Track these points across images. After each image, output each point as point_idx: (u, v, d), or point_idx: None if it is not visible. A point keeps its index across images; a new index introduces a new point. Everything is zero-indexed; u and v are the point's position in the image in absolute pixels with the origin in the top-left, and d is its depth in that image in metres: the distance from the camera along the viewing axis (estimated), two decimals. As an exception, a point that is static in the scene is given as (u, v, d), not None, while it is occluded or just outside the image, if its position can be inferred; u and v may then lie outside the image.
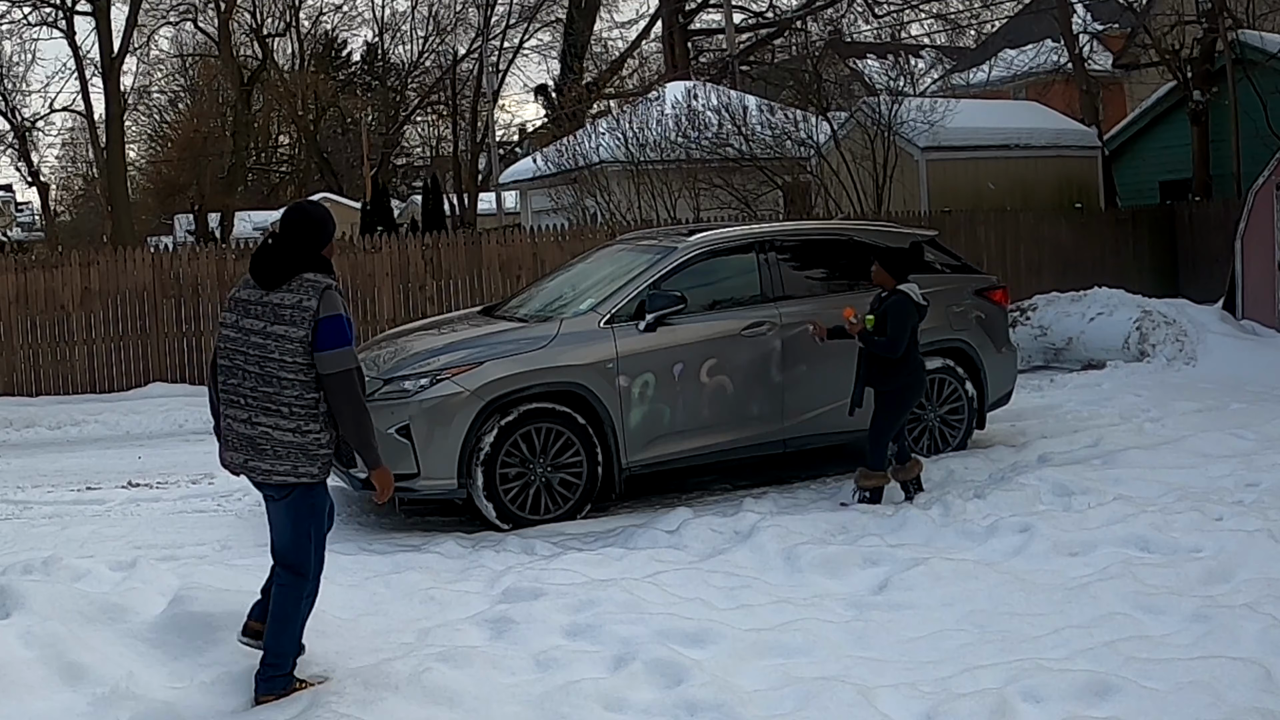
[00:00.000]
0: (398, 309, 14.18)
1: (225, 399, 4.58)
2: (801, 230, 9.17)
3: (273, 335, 4.43)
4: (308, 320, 4.40)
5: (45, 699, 4.38)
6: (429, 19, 43.85)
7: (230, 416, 4.56)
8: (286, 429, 4.44)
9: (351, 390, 4.44)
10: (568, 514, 7.44)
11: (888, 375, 7.26)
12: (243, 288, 4.60)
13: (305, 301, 4.43)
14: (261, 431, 4.46)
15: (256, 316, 4.48)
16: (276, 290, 4.47)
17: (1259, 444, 8.19)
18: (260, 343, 4.45)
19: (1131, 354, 12.65)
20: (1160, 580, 5.58)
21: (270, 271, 4.50)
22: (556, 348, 7.50)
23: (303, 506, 4.55)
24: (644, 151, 17.96)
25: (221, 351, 4.59)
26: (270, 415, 4.44)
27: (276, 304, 4.45)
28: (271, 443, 4.45)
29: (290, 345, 4.40)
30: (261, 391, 4.45)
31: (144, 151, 48.09)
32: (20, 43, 50.02)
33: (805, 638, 5.12)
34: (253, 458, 4.50)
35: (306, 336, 4.40)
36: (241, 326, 4.51)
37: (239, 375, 4.51)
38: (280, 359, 4.41)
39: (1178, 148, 20.20)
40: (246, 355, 4.48)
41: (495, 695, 4.56)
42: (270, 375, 4.43)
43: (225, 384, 4.57)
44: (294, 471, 4.47)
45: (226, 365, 4.56)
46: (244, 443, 4.51)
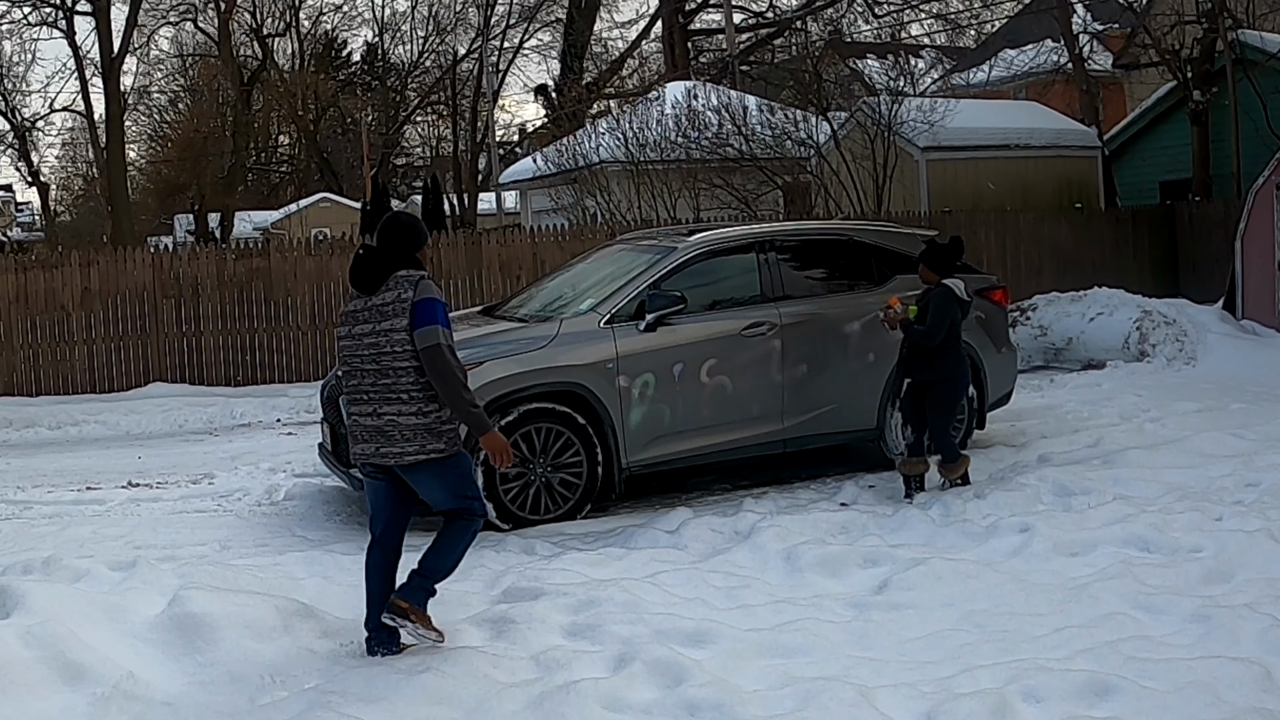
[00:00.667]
0: (398, 309, 14.16)
1: (350, 399, 5.05)
2: (801, 230, 9.18)
3: (381, 331, 4.85)
4: (407, 309, 4.80)
5: (45, 699, 4.38)
6: (429, 19, 43.94)
7: (356, 414, 4.99)
8: (409, 413, 4.83)
9: (442, 363, 4.77)
10: (568, 514, 7.44)
11: (928, 365, 7.46)
12: (350, 301, 5.07)
13: (404, 294, 4.83)
14: (387, 420, 4.86)
15: (365, 321, 4.93)
16: (377, 293, 4.90)
17: (1259, 444, 8.19)
18: (373, 341, 4.89)
19: (1131, 354, 12.65)
20: (1160, 580, 5.58)
21: (368, 278, 4.93)
22: (556, 348, 7.50)
23: (452, 472, 4.94)
24: (644, 151, 17.96)
25: (341, 360, 5.09)
26: (392, 404, 4.86)
27: (379, 304, 4.88)
28: (398, 428, 4.85)
29: (398, 336, 4.81)
30: (381, 384, 4.87)
31: (144, 151, 48.17)
32: (20, 43, 50.21)
33: (805, 638, 5.12)
34: (383, 444, 4.89)
35: (404, 326, 4.79)
36: (354, 334, 4.98)
37: (358, 376, 4.97)
38: (393, 351, 4.83)
39: (1178, 148, 20.20)
40: (362, 357, 4.94)
41: (495, 695, 4.56)
42: (386, 368, 4.85)
43: (348, 386, 5.04)
44: (423, 450, 4.85)
45: (347, 370, 5.03)
46: (372, 434, 4.92)
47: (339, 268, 14.24)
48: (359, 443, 4.99)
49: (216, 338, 13.92)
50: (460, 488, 4.97)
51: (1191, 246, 18.20)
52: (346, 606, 5.57)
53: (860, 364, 8.33)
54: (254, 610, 5.08)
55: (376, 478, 5.04)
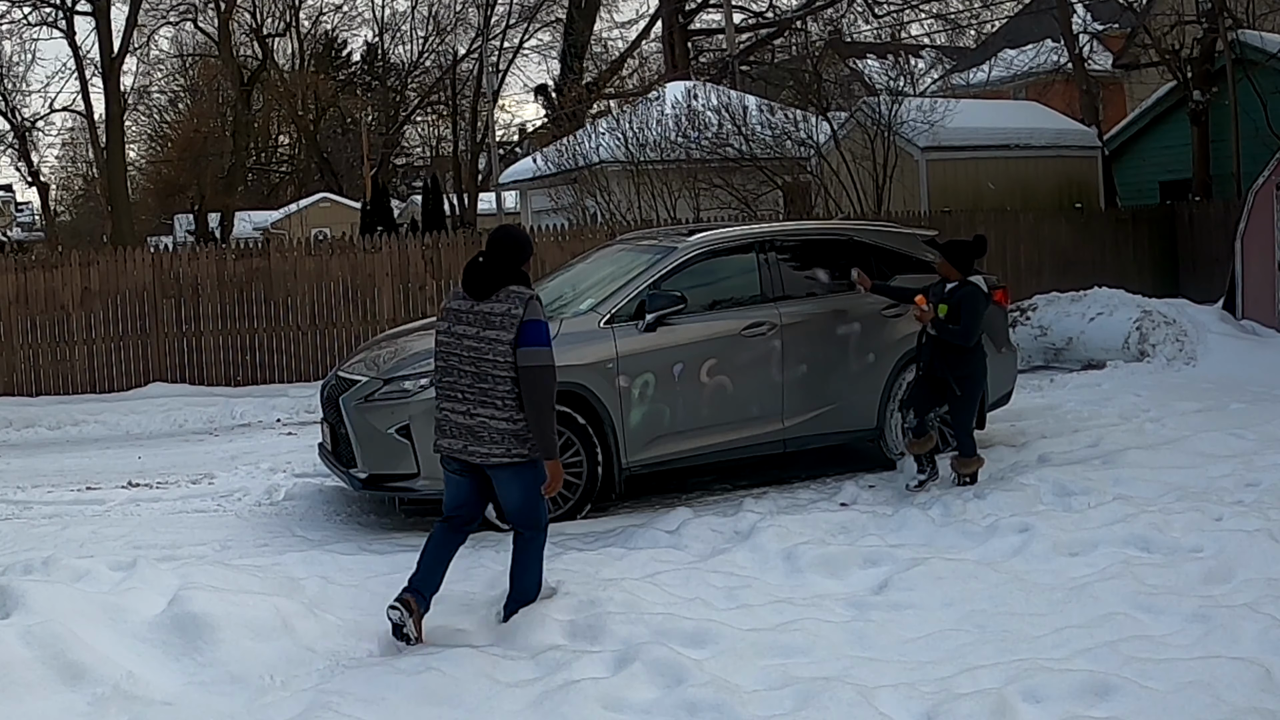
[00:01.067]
0: (398, 309, 14.18)
1: (443, 394, 5.33)
2: (801, 230, 9.17)
3: (485, 339, 5.16)
4: (514, 325, 5.11)
5: (45, 699, 4.38)
6: (429, 19, 43.93)
7: (448, 409, 5.29)
8: (501, 419, 5.16)
9: (541, 384, 5.13)
10: (568, 514, 7.44)
11: (960, 362, 7.54)
12: (453, 299, 5.37)
13: (513, 310, 5.14)
14: (479, 421, 5.19)
15: (469, 323, 5.23)
16: (486, 300, 5.19)
17: (1259, 444, 8.19)
18: (474, 346, 5.18)
19: (1131, 354, 12.65)
20: (1160, 580, 5.58)
21: (481, 285, 5.22)
22: (556, 348, 7.42)
23: (529, 477, 5.26)
24: (644, 151, 17.95)
25: (439, 354, 5.35)
26: (486, 407, 5.17)
27: (487, 312, 5.18)
28: (489, 430, 5.17)
29: (501, 347, 5.12)
30: (478, 388, 5.18)
31: (144, 151, 48.18)
32: (20, 43, 50.07)
33: (805, 638, 5.12)
34: (471, 443, 5.22)
35: (514, 339, 5.10)
36: (454, 332, 5.27)
37: (455, 374, 5.26)
38: (494, 359, 5.14)
39: (1178, 148, 20.19)
40: (461, 357, 5.24)
41: (495, 695, 4.56)
42: (485, 374, 5.16)
43: (443, 381, 5.31)
44: (508, 453, 5.18)
45: (443, 365, 5.31)
46: (463, 431, 5.24)
47: (339, 268, 14.25)
48: (446, 437, 5.30)
49: (216, 338, 13.91)
50: (531, 492, 5.29)
51: (1191, 246, 18.19)
52: (346, 606, 5.57)
53: (860, 364, 8.34)
54: (254, 610, 5.08)
55: (455, 471, 5.35)
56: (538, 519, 5.38)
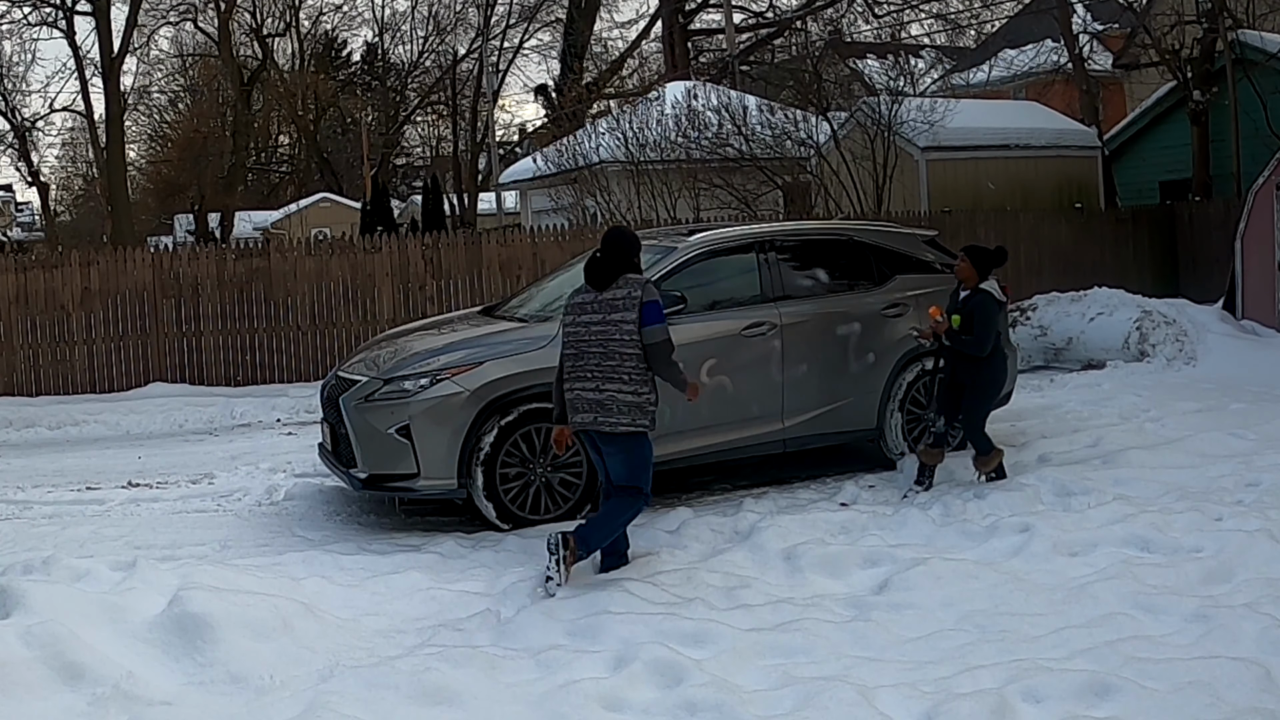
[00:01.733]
0: (398, 309, 14.18)
1: (572, 376, 6.01)
2: (801, 230, 9.17)
3: (611, 322, 5.88)
4: (636, 306, 5.84)
5: (45, 699, 4.38)
6: (429, 19, 43.92)
7: (579, 389, 5.97)
8: (627, 392, 5.87)
9: (666, 354, 5.91)
10: (568, 514, 7.43)
11: (977, 368, 7.61)
12: (575, 294, 6.15)
13: (633, 293, 5.89)
14: (608, 395, 5.88)
15: (593, 312, 5.97)
16: (607, 290, 5.96)
17: (1259, 444, 8.19)
18: (601, 330, 5.91)
19: (1131, 354, 12.65)
20: (1160, 580, 5.58)
21: (602, 277, 6.00)
22: (556, 348, 7.48)
23: (638, 448, 6.00)
24: (644, 151, 17.95)
25: (567, 342, 6.09)
26: (614, 383, 5.87)
27: (609, 299, 5.93)
28: (616, 403, 5.87)
29: (627, 327, 5.85)
30: (606, 365, 5.88)
31: (144, 151, 48.15)
32: (20, 43, 50.14)
33: (805, 638, 5.12)
34: (600, 415, 5.91)
35: (637, 319, 5.81)
36: (581, 321, 6.02)
37: (585, 357, 5.97)
38: (620, 339, 5.86)
39: (1178, 148, 20.19)
40: (590, 341, 5.96)
41: (495, 695, 4.56)
42: (612, 352, 5.87)
43: (573, 366, 6.01)
44: (633, 424, 5.91)
45: (573, 352, 6.03)
46: (592, 405, 5.93)
47: (339, 268, 14.25)
48: (579, 413, 5.99)
49: (216, 338, 13.91)
50: (640, 463, 6.01)
51: (1191, 246, 18.20)
52: (346, 606, 5.57)
53: (860, 364, 8.33)
54: (254, 610, 5.08)
55: (592, 448, 6.18)
56: (640, 484, 6.04)
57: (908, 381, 8.47)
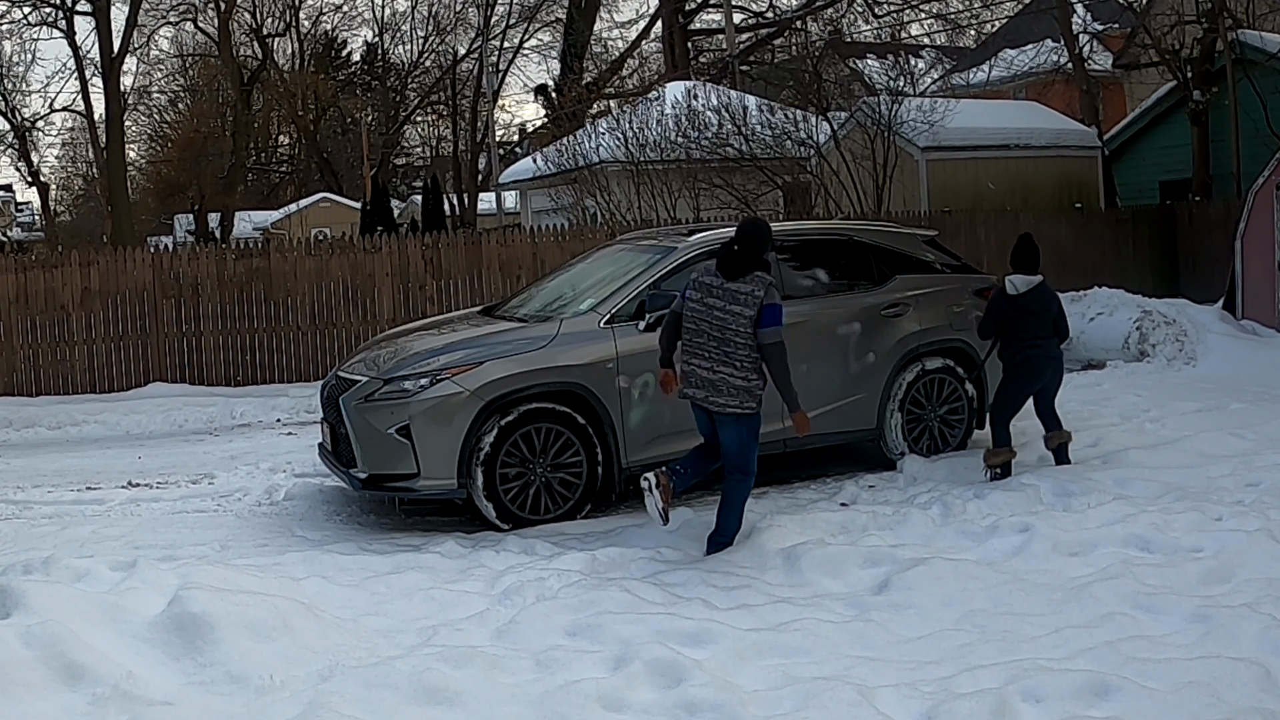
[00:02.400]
0: (398, 309, 14.18)
1: (690, 352, 6.37)
2: (801, 230, 9.17)
3: (731, 312, 6.19)
4: (756, 304, 6.13)
5: (45, 699, 4.37)
6: (429, 19, 43.91)
7: (695, 365, 6.34)
8: (738, 377, 6.21)
9: (781, 356, 6.19)
10: (568, 514, 7.44)
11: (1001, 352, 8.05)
12: (704, 275, 6.42)
13: (756, 291, 6.17)
14: (720, 377, 6.23)
15: (717, 297, 6.26)
16: (734, 280, 6.22)
17: (1259, 444, 8.19)
18: (720, 316, 6.21)
19: (1131, 354, 12.65)
20: (1160, 580, 5.58)
21: (734, 268, 6.26)
22: (556, 348, 7.50)
23: (747, 427, 6.33)
24: (644, 151, 17.95)
25: (687, 319, 6.38)
26: (726, 366, 6.21)
27: (734, 290, 6.22)
28: (727, 385, 6.23)
29: (744, 321, 6.16)
30: (722, 350, 6.22)
31: (144, 151, 48.15)
32: (20, 43, 50.05)
33: (805, 638, 5.12)
34: (712, 394, 6.28)
35: (754, 316, 6.12)
36: (705, 303, 6.30)
37: (703, 337, 6.29)
38: (735, 329, 6.18)
39: (1178, 148, 20.19)
40: (710, 323, 6.25)
41: (495, 695, 4.56)
42: (728, 339, 6.19)
43: (691, 341, 6.36)
44: (741, 406, 6.25)
45: (692, 329, 6.36)
46: (706, 384, 6.30)
47: (339, 268, 14.25)
48: (692, 387, 6.39)
49: (216, 338, 13.91)
50: (747, 440, 6.35)
51: (1191, 246, 18.19)
52: (346, 606, 5.57)
53: (860, 364, 8.33)
54: (254, 610, 5.08)
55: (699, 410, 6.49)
56: (748, 464, 6.41)
57: (908, 381, 8.47)
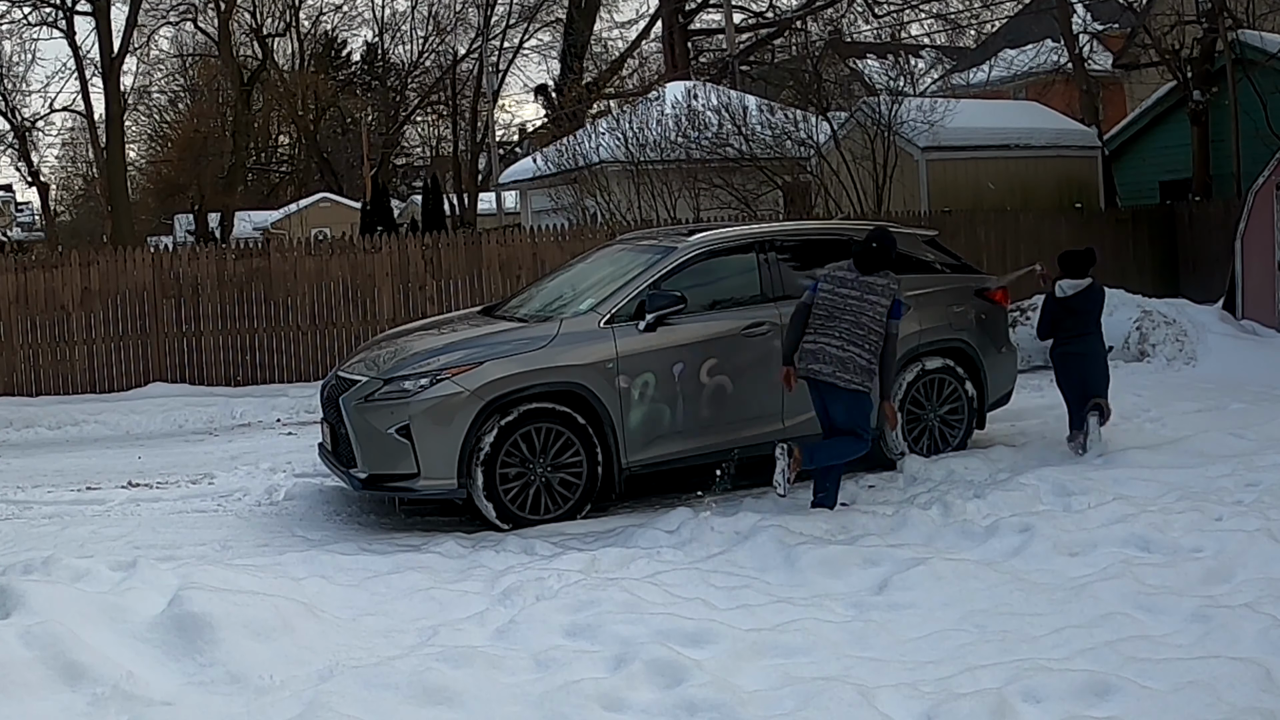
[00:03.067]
0: (398, 309, 14.17)
1: (821, 332, 7.13)
2: (801, 230, 9.17)
3: (867, 300, 7.06)
4: (890, 296, 7.07)
5: (45, 699, 4.37)
6: (429, 19, 43.90)
7: (824, 343, 7.10)
8: (864, 357, 7.06)
9: (894, 347, 7.18)
10: (568, 514, 7.44)
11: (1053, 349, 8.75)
12: (835, 270, 7.26)
13: (890, 285, 7.11)
14: (850, 355, 7.05)
15: (853, 287, 7.12)
16: (868, 275, 7.12)
17: (1259, 444, 8.18)
18: (856, 304, 7.07)
19: (1131, 354, 12.65)
20: (1160, 580, 5.58)
21: (869, 264, 7.14)
22: (556, 348, 7.50)
23: (858, 402, 7.15)
24: (644, 151, 17.94)
25: (820, 305, 7.18)
26: (856, 346, 7.04)
27: (870, 282, 7.11)
28: (854, 363, 7.05)
29: (879, 310, 7.05)
30: (855, 333, 7.05)
31: (144, 151, 48.15)
32: (20, 43, 50.08)
33: (805, 638, 5.12)
34: (839, 370, 7.06)
35: (889, 306, 7.05)
36: (838, 293, 7.14)
37: (835, 320, 7.10)
38: (870, 315, 7.05)
39: (1178, 148, 20.18)
40: (843, 309, 7.09)
41: (495, 695, 4.56)
42: (861, 324, 7.04)
43: (823, 324, 7.12)
44: (862, 383, 7.09)
45: (824, 314, 7.14)
46: (835, 360, 7.07)
47: (339, 268, 14.24)
48: (820, 363, 7.09)
49: (216, 338, 13.91)
50: (860, 414, 7.18)
51: (1191, 246, 18.18)
52: (346, 606, 5.58)
53: (860, 364, 8.32)
54: (254, 610, 5.08)
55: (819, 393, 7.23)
56: (861, 430, 7.19)
57: (907, 381, 8.47)
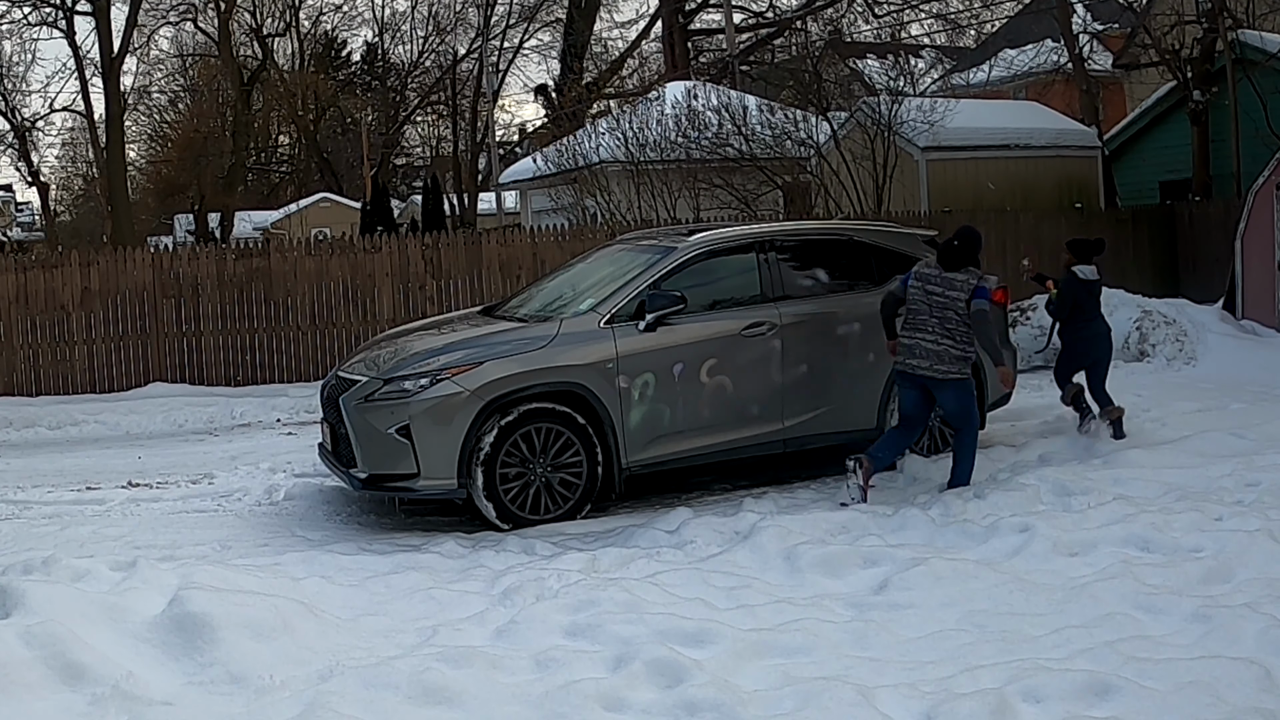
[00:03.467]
0: (398, 309, 14.17)
1: (915, 329, 7.60)
2: (801, 230, 9.17)
3: (949, 296, 7.53)
4: (970, 290, 7.51)
5: (45, 699, 4.37)
6: (429, 19, 43.92)
7: (919, 339, 7.57)
8: (957, 348, 7.53)
9: (984, 322, 7.55)
10: (568, 514, 7.44)
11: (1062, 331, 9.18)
12: (922, 268, 7.73)
13: (970, 280, 7.55)
14: (944, 348, 7.52)
15: (938, 284, 7.57)
16: (951, 272, 7.57)
17: (1259, 444, 8.18)
18: (941, 300, 7.54)
19: (1131, 354, 12.65)
20: (1160, 580, 5.58)
21: (954, 262, 7.60)
22: (556, 348, 7.50)
23: (964, 389, 7.66)
24: (644, 151, 17.94)
25: (912, 301, 7.65)
26: (947, 339, 7.52)
27: (951, 278, 7.57)
28: (949, 355, 7.52)
29: (960, 304, 7.51)
30: (945, 327, 7.52)
31: (144, 151, 48.17)
32: (20, 43, 50.09)
33: (805, 638, 5.12)
34: (936, 363, 7.52)
35: (968, 298, 7.49)
36: (925, 290, 7.60)
37: (925, 315, 7.57)
38: (955, 309, 7.52)
39: (1178, 148, 20.18)
40: (933, 306, 7.55)
41: (495, 695, 4.56)
42: (948, 318, 7.52)
43: (915, 320, 7.61)
44: (960, 372, 7.57)
45: (915, 310, 7.62)
46: (930, 355, 7.52)
47: (339, 268, 14.24)
48: (917, 358, 7.56)
49: (216, 338, 13.91)
50: (967, 400, 7.66)
51: (1191, 246, 18.18)
52: (346, 606, 5.58)
53: (860, 364, 8.34)
54: (254, 610, 5.08)
55: (911, 386, 7.68)
56: (971, 420, 7.69)
57: None
